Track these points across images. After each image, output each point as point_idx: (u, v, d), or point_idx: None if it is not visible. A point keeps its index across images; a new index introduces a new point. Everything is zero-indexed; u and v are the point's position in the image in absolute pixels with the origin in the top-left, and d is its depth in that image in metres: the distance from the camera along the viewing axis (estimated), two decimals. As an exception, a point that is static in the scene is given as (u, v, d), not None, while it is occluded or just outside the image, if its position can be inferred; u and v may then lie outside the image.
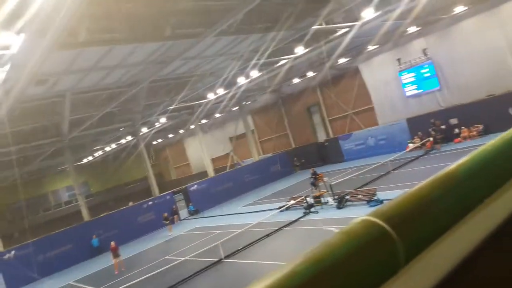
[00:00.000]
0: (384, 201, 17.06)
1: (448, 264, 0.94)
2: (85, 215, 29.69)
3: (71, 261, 25.62)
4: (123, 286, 15.50)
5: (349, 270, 0.77)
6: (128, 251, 23.93)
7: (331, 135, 37.44)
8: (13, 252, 24.65)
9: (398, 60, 29.81)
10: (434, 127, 27.54)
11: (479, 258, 1.00)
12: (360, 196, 18.79)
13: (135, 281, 15.83)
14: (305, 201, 20.41)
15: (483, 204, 1.08)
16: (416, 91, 29.68)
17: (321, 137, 38.61)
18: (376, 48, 30.63)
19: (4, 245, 26.74)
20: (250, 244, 17.28)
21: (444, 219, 0.97)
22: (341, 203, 18.99)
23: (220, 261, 16.20)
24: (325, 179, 21.51)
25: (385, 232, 0.85)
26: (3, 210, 49.09)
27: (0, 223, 48.56)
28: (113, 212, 33.26)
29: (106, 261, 21.00)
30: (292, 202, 21.88)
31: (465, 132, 26.51)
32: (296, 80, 36.26)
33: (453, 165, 1.12)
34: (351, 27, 21.11)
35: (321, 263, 0.76)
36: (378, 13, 19.41)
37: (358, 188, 20.52)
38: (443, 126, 27.67)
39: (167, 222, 26.71)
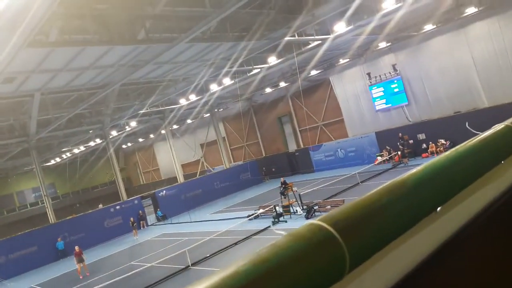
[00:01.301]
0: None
1: (394, 273, 0.96)
2: (51, 217, 28.82)
3: (35, 263, 24.90)
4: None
5: (294, 272, 0.76)
6: (93, 255, 23.37)
7: (302, 146, 38.00)
8: (-27, 253, 23.72)
9: (368, 74, 30.74)
10: (402, 141, 28.48)
11: (426, 269, 1.01)
12: (328, 206, 19.16)
13: (99, 286, 15.50)
14: (274, 210, 20.58)
15: (435, 214, 1.08)
16: (385, 106, 30.64)
17: (292, 147, 39.11)
18: (348, 61, 31.51)
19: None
20: (218, 251, 17.26)
21: (392, 227, 0.96)
22: (309, 213, 19.27)
23: (187, 268, 16.09)
24: (295, 188, 21.81)
25: (332, 236, 0.84)
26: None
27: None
28: (80, 215, 32.41)
29: (70, 264, 20.46)
30: (261, 210, 22.04)
31: (432, 147, 27.52)
32: (268, 90, 36.73)
33: (405, 174, 1.10)
34: (323, 40, 21.68)
35: (266, 264, 0.75)
36: (350, 27, 20.06)
37: (327, 198, 20.96)
38: (411, 141, 28.66)
39: (134, 226, 26.31)
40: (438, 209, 1.11)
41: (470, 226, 1.19)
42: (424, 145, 28.10)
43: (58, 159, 50.71)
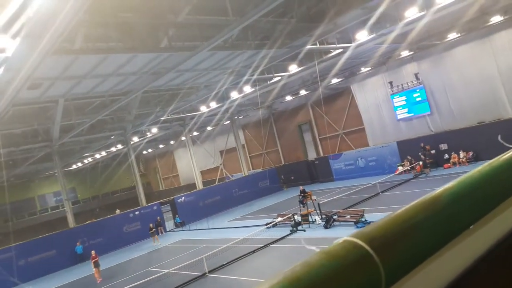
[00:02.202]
0: (371, 223, 17.07)
1: None
2: (71, 221, 29.24)
3: (54, 267, 25.21)
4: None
5: None
6: (111, 261, 23.57)
7: (322, 154, 37.64)
8: (-6, 254, 24.21)
9: (390, 83, 30.32)
10: (424, 151, 27.87)
11: (463, 286, 0.97)
12: (347, 216, 18.83)
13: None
14: (292, 219, 20.35)
15: (469, 230, 1.05)
16: (407, 115, 30.10)
17: (312, 155, 38.78)
18: (369, 70, 31.17)
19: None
20: (235, 259, 17.12)
21: (428, 244, 0.94)
22: (328, 222, 18.98)
23: (204, 275, 16.01)
24: (314, 197, 21.54)
25: (367, 254, 0.82)
26: (-13, 212, 48.31)
27: (-17, 225, 47.85)
28: (99, 220, 32.91)
29: (88, 269, 20.68)
30: (280, 219, 21.82)
31: (455, 157, 26.83)
32: (288, 98, 36.61)
33: (438, 190, 1.09)
34: (345, 48, 21.50)
35: (299, 283, 0.72)
36: (372, 36, 19.83)
37: (346, 208, 20.59)
38: (433, 151, 28.02)
39: (152, 232, 26.41)
40: (471, 226, 1.08)
41: (504, 244, 1.13)
42: (447, 156, 27.42)
43: (79, 164, 51.76)
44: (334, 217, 19.27)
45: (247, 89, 26.36)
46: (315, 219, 20.25)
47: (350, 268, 0.79)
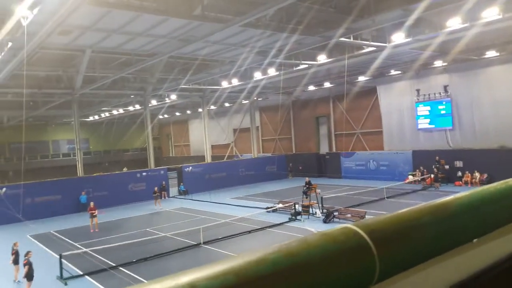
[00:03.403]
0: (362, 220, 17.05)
1: None
2: (80, 170, 29.93)
3: (57, 211, 25.99)
4: (100, 247, 15.72)
5: (321, 271, 0.74)
6: (112, 215, 24.13)
7: (334, 150, 37.42)
8: (4, 189, 25.18)
9: (417, 90, 29.72)
10: (438, 165, 27.47)
11: None
12: (348, 215, 18.82)
13: (113, 244, 15.99)
14: (293, 208, 20.44)
15: (471, 244, 1.03)
16: (428, 126, 29.59)
17: (324, 149, 38.59)
18: (399, 74, 30.53)
19: (-3, 180, 27.25)
20: (231, 236, 17.38)
21: (428, 248, 0.93)
22: (328, 217, 19.01)
23: (198, 245, 16.33)
24: (318, 191, 21.54)
25: (365, 244, 0.82)
26: (4, 147, 49.79)
27: (-2, 159, 49.49)
28: (107, 174, 33.61)
29: (88, 218, 21.21)
30: (281, 205, 21.95)
31: (468, 177, 26.39)
32: (311, 88, 36.19)
33: (449, 198, 1.07)
34: (378, 47, 21.03)
35: (295, 257, 0.74)
36: (408, 39, 19.34)
37: (349, 207, 20.53)
38: (447, 166, 27.60)
39: (156, 195, 26.83)
40: (475, 240, 1.06)
41: (503, 265, 1.11)
42: (460, 173, 27.00)
43: (96, 117, 52.51)
44: (335, 213, 19.28)
45: (271, 71, 26.08)
46: (315, 212, 20.31)
47: (347, 253, 0.79)
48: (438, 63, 27.34)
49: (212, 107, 43.79)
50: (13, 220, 23.54)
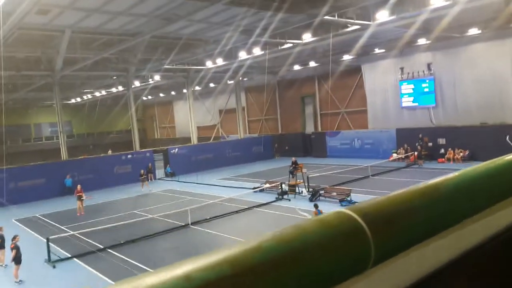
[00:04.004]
0: (356, 203, 17.38)
1: (414, 275, 0.94)
2: (64, 154, 29.56)
3: (42, 195, 25.73)
4: (87, 230, 15.69)
5: (316, 257, 0.75)
6: (98, 198, 23.98)
7: (320, 129, 37.67)
8: (-15, 173, 24.59)
9: (401, 69, 29.91)
10: (421, 143, 27.96)
11: (443, 276, 1.00)
12: (334, 193, 19.13)
13: (100, 227, 15.97)
14: (280, 187, 20.66)
15: (463, 223, 1.05)
16: (411, 104, 29.94)
17: (309, 129, 38.80)
18: (383, 52, 30.61)
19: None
20: (218, 216, 17.51)
21: (421, 229, 0.95)
22: (314, 196, 19.30)
23: (186, 226, 16.42)
24: (304, 170, 21.77)
25: (360, 228, 0.83)
26: (-17, 131, 48.63)
27: (-22, 144, 48.29)
28: (92, 157, 33.24)
29: (75, 202, 21.05)
30: (267, 185, 22.15)
31: (450, 154, 26.96)
32: (296, 67, 36.06)
33: (439, 179, 1.09)
34: (363, 25, 21.00)
35: (290, 244, 0.74)
36: (393, 17, 19.34)
37: (334, 185, 20.85)
38: (430, 144, 28.11)
39: (143, 178, 26.70)
40: (466, 219, 1.08)
41: (494, 240, 1.15)
42: (443, 150, 27.56)
43: (78, 99, 51.54)
44: (321, 192, 19.58)
45: (257, 51, 25.84)
46: (301, 191, 20.58)
47: (342, 238, 0.80)
48: (422, 41, 27.46)
49: (197, 87, 43.35)
50: (-4, 205, 23.30)
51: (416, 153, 27.60)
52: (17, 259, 12.00)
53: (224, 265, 0.67)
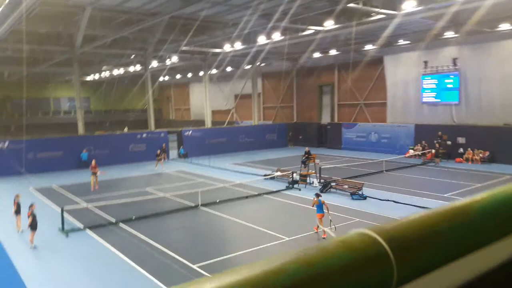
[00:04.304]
0: (368, 198, 17.20)
1: None
2: (81, 128, 30.06)
3: (59, 167, 26.45)
4: (100, 203, 15.88)
5: (340, 281, 0.74)
6: (113, 173, 24.28)
7: (336, 120, 37.11)
8: (7, 143, 25.59)
9: (425, 62, 29.00)
10: (440, 140, 27.23)
11: None
12: (345, 186, 18.80)
13: (113, 201, 16.14)
14: (291, 176, 20.46)
15: (487, 247, 1.01)
16: (433, 99, 29.10)
17: (325, 119, 38.27)
18: (407, 44, 29.70)
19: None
20: (228, 200, 17.51)
21: (447, 252, 0.93)
22: (325, 187, 19.04)
23: (196, 207, 16.51)
24: (317, 161, 21.49)
25: (383, 251, 0.81)
26: (6, 103, 49.79)
27: (0, 114, 49.52)
28: (108, 133, 33.72)
29: (89, 176, 21.36)
30: (279, 173, 21.97)
31: (469, 154, 26.18)
32: (316, 55, 35.35)
33: (468, 200, 1.06)
34: (388, 15, 20.29)
35: (314, 267, 0.72)
36: (420, 8, 18.61)
37: (346, 178, 20.49)
38: (449, 142, 27.35)
39: (159, 158, 26.83)
40: (495, 242, 1.04)
41: None
42: (461, 150, 26.80)
43: (97, 76, 51.97)
44: (332, 184, 19.30)
45: (276, 36, 25.33)
46: (312, 181, 20.33)
47: (365, 262, 0.79)
48: (449, 35, 26.45)
49: (214, 71, 43.08)
50: (16, 173, 24.19)
51: (433, 150, 26.91)
52: (33, 226, 12.43)
53: (247, 286, 0.66)
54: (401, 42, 29.53)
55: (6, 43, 26.13)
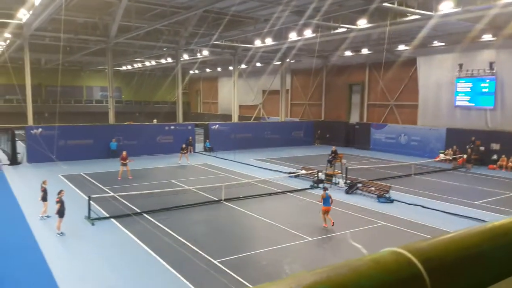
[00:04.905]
0: (395, 202, 16.88)
1: None
2: (111, 118, 30.74)
3: (88, 155, 27.09)
4: (126, 193, 16.30)
5: None
6: (140, 163, 24.79)
7: (365, 120, 36.52)
8: (40, 129, 26.33)
9: (460, 65, 28.07)
10: (473, 146, 26.33)
11: None
12: (372, 188, 18.49)
13: (139, 192, 16.53)
14: (316, 175, 20.31)
15: None
16: (467, 103, 28.16)
17: (354, 118, 37.73)
18: (441, 45, 28.82)
19: (33, 121, 28.47)
20: (251, 196, 17.58)
21: (484, 276, 0.87)
22: (351, 188, 18.81)
23: (219, 201, 16.65)
24: (344, 161, 21.22)
25: (418, 273, 0.76)
26: (40, 89, 51.57)
27: (35, 100, 51.29)
28: (137, 124, 34.37)
29: (118, 165, 21.81)
30: (304, 172, 21.86)
31: (503, 161, 25.24)
32: (348, 53, 34.83)
33: (508, 219, 1.01)
34: (424, 16, 19.74)
35: None
36: (458, 9, 18.01)
37: (373, 180, 20.16)
38: (482, 148, 26.43)
39: (184, 152, 26.97)
40: None
41: None
42: (495, 156, 25.86)
43: (129, 67, 53.06)
44: (359, 185, 19.02)
45: (307, 33, 25.12)
46: (338, 182, 20.11)
47: (398, 285, 0.75)
48: (486, 38, 25.49)
49: (243, 65, 43.20)
50: (47, 159, 24.74)
51: (465, 156, 26.06)
52: (61, 213, 12.62)
53: None
54: (436, 43, 28.70)
55: (44, 31, 27.05)
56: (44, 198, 14.07)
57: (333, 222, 13.34)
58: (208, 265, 10.40)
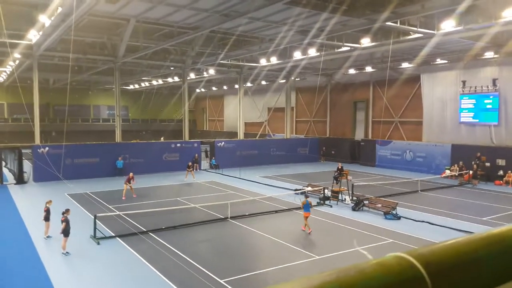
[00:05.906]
0: (402, 218, 16.83)
1: None
2: (118, 136, 30.95)
3: (94, 173, 27.23)
4: (132, 212, 16.39)
5: None
6: (146, 181, 24.94)
7: (370, 137, 36.62)
8: (47, 148, 26.48)
9: (463, 82, 28.29)
10: (478, 162, 26.31)
11: None
12: (379, 205, 18.46)
13: (144, 210, 16.62)
14: (322, 192, 20.33)
15: None
16: (471, 120, 28.26)
17: (359, 135, 37.84)
18: (444, 63, 29.13)
19: (41, 139, 28.78)
20: (257, 213, 17.59)
21: (482, 281, 0.91)
22: (357, 205, 18.78)
23: (225, 219, 16.65)
24: (350, 177, 21.24)
25: (420, 276, 0.81)
26: (48, 108, 52.28)
27: (42, 119, 51.93)
28: (144, 142, 34.62)
29: (123, 184, 21.91)
30: (309, 188, 21.88)
31: (510, 176, 25.14)
32: (352, 71, 35.23)
33: (504, 228, 1.05)
34: (426, 34, 20.07)
35: None
36: (459, 28, 18.32)
37: (380, 197, 20.15)
38: (487, 163, 26.40)
39: (190, 170, 27.07)
40: None
41: None
42: (501, 172, 25.77)
43: (136, 86, 53.80)
44: (365, 202, 19.01)
45: (312, 52, 25.55)
46: (345, 198, 20.11)
47: (401, 286, 0.80)
48: (489, 55, 25.78)
49: (249, 84, 43.71)
50: (53, 178, 24.79)
51: (471, 172, 26.00)
52: (66, 232, 12.53)
53: None
54: (439, 61, 29.02)
55: (54, 51, 27.67)
56: (47, 218, 13.97)
57: (310, 231, 14.48)
58: (215, 284, 10.31)
